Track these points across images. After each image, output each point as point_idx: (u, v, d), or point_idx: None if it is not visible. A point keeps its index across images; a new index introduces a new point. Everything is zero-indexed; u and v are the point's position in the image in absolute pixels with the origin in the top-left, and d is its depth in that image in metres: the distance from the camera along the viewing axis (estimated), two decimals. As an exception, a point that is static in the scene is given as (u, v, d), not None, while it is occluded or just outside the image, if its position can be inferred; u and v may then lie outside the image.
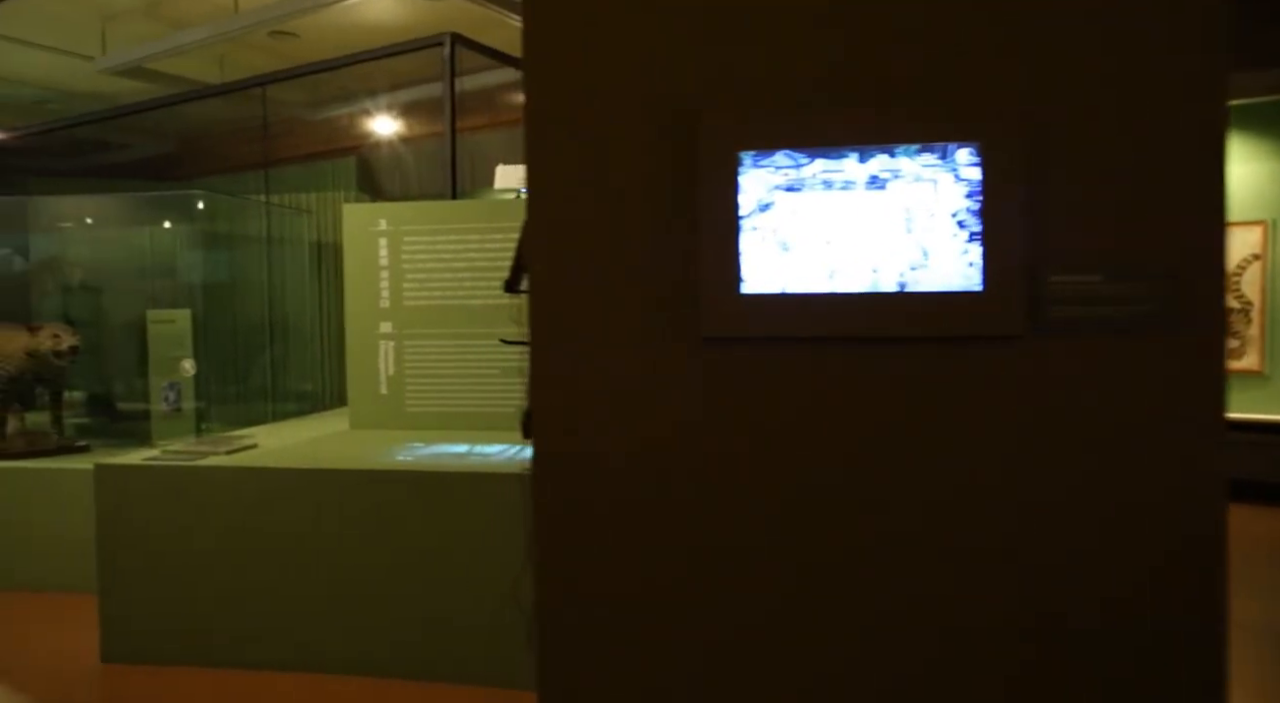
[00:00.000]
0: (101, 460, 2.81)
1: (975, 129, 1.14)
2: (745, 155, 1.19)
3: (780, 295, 1.20)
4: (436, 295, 3.49)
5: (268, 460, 2.80)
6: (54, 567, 3.50)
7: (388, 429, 3.51)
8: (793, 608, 1.25)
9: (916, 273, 1.17)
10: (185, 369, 3.70)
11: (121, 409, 5.07)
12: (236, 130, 9.31)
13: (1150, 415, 1.16)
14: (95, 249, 5.21)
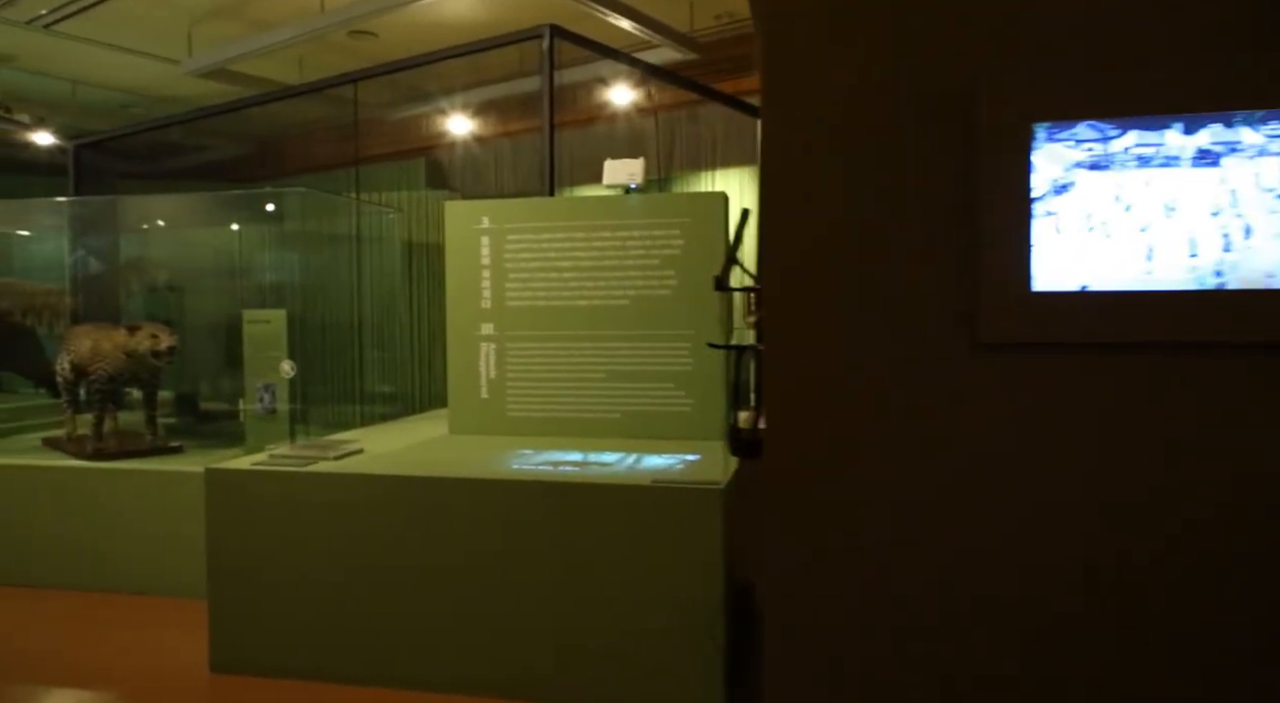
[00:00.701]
0: (213, 464, 2.73)
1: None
2: (1039, 128, 0.99)
3: (1079, 293, 1.00)
4: (540, 296, 3.35)
5: (380, 467, 2.68)
6: (155, 570, 3.45)
7: (488, 435, 3.38)
8: (1094, 632, 1.05)
9: (1238, 264, 0.96)
10: (285, 371, 3.63)
11: (208, 409, 5.07)
12: (312, 131, 9.40)
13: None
14: (185, 248, 5.22)
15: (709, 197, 3.25)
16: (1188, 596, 1.02)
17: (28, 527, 3.59)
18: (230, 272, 4.81)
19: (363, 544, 2.58)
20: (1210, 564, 1.01)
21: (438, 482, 2.52)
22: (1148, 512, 1.02)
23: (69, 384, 4.47)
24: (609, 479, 2.44)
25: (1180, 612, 1.02)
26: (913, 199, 1.06)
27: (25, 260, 5.97)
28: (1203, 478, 1.01)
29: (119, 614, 3.30)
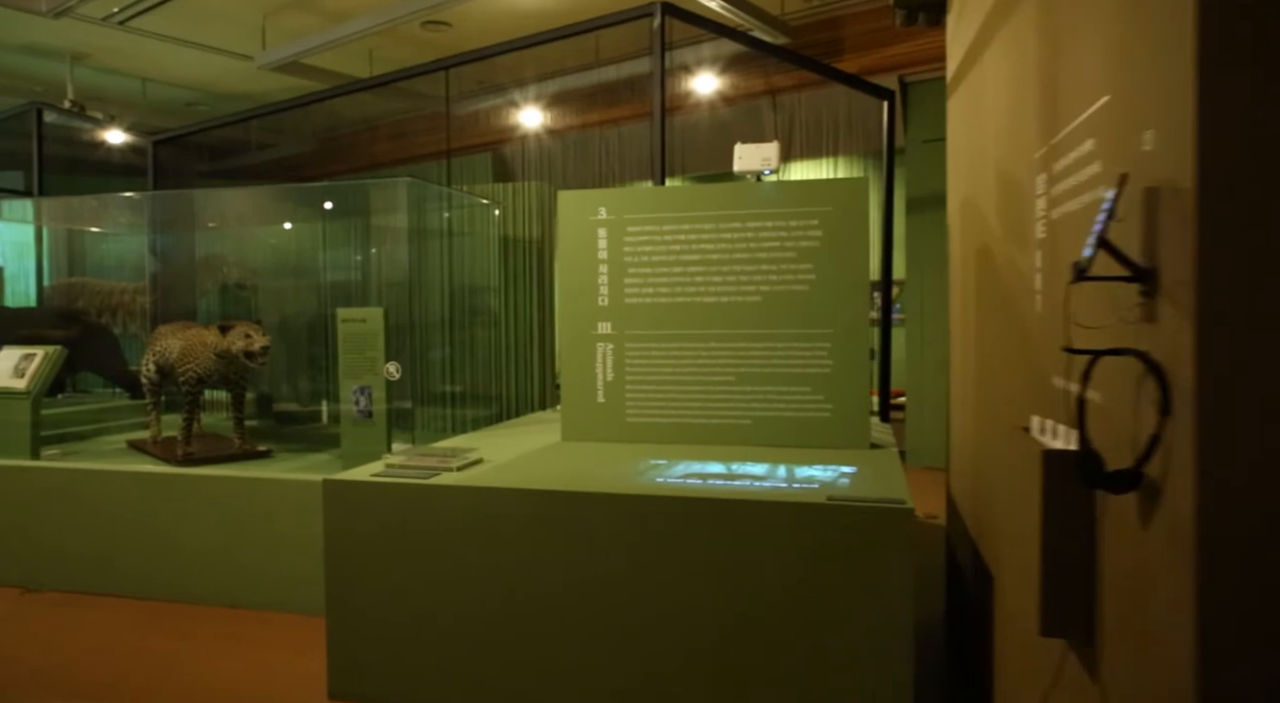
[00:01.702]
0: (331, 476, 2.52)
1: None
2: None
3: None
4: (663, 292, 3.10)
5: (509, 479, 2.45)
6: (250, 582, 3.28)
7: (604, 442, 3.14)
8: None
9: None
10: (390, 372, 3.42)
11: (289, 411, 4.91)
12: (373, 128, 9.29)
13: None
14: (274, 243, 5.08)
15: (850, 184, 2.97)
16: None
17: (117, 534, 3.44)
18: (318, 267, 4.64)
19: (495, 564, 2.35)
20: None
21: (580, 497, 2.28)
22: None
23: (153, 385, 4.33)
24: (779, 497, 2.18)
25: None
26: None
27: (105, 258, 5.90)
28: None
29: (215, 628, 3.12)
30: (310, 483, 3.25)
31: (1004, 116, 1.94)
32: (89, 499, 3.48)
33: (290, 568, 3.23)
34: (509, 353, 4.19)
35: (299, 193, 4.43)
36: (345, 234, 4.60)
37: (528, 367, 4.20)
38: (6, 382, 3.94)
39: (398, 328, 3.69)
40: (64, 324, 5.17)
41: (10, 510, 3.57)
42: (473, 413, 4.20)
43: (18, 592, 3.48)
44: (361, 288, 4.50)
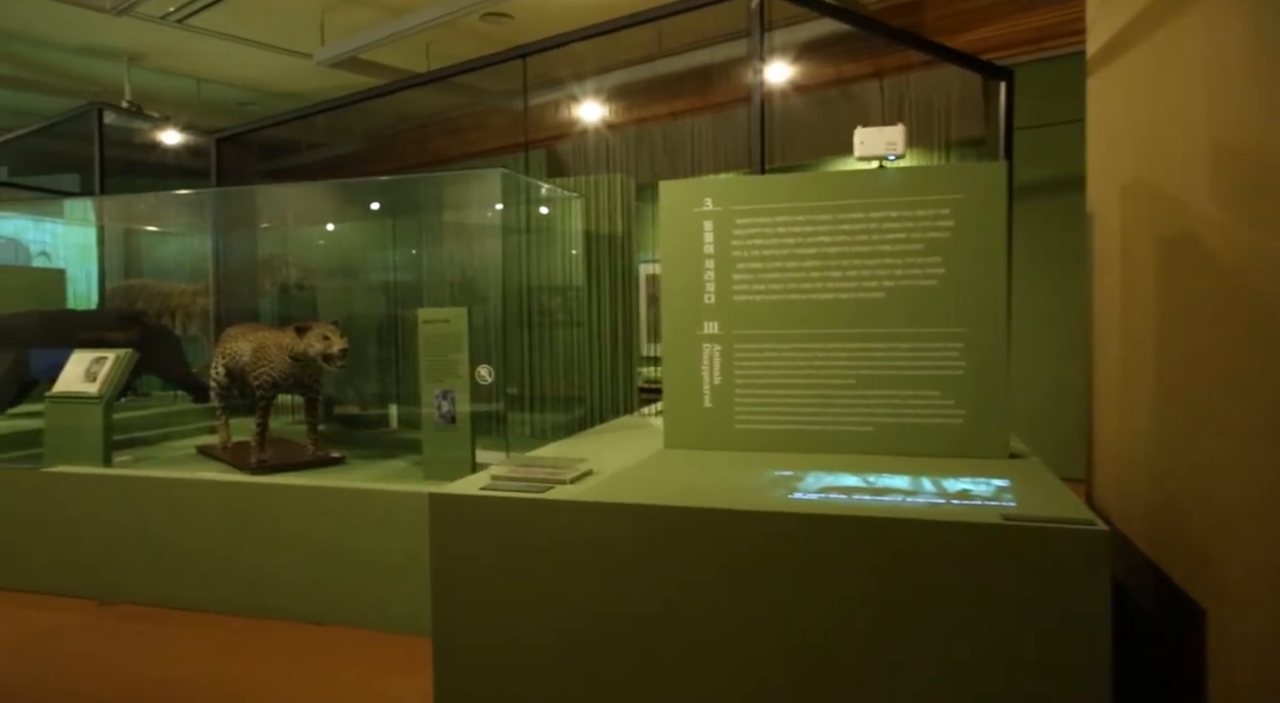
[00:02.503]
0: (435, 489, 2.33)
1: None
2: None
3: None
4: (775, 289, 2.88)
5: (628, 493, 2.24)
6: (334, 596, 3.11)
7: (711, 450, 2.92)
8: None
9: None
10: (482, 376, 3.24)
11: (355, 415, 4.77)
12: (426, 126, 9.17)
13: None
14: (333, 242, 4.95)
15: (988, 169, 2.72)
16: None
17: (194, 545, 3.30)
18: (387, 265, 4.49)
19: (617, 585, 2.14)
20: None
21: (721, 515, 2.06)
22: None
23: (222, 389, 4.21)
24: (947, 516, 1.94)
25: None
26: None
27: (165, 258, 5.82)
28: None
29: (304, 646, 2.96)
30: (397, 493, 3.08)
31: (1239, 84, 1.68)
32: (165, 509, 3.34)
33: (378, 583, 3.06)
34: (592, 354, 3.99)
35: (368, 188, 4.28)
36: (416, 230, 4.44)
37: (612, 369, 4.00)
38: (79, 386, 3.83)
39: (483, 328, 3.51)
40: (126, 326, 5.07)
41: (84, 519, 3.45)
42: (556, 418, 4.01)
43: (94, 604, 3.36)
44: (435, 286, 4.33)
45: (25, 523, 3.51)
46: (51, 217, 5.84)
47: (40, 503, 3.50)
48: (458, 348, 3.40)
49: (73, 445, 3.75)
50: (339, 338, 3.49)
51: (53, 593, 3.45)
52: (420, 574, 2.95)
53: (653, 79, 6.86)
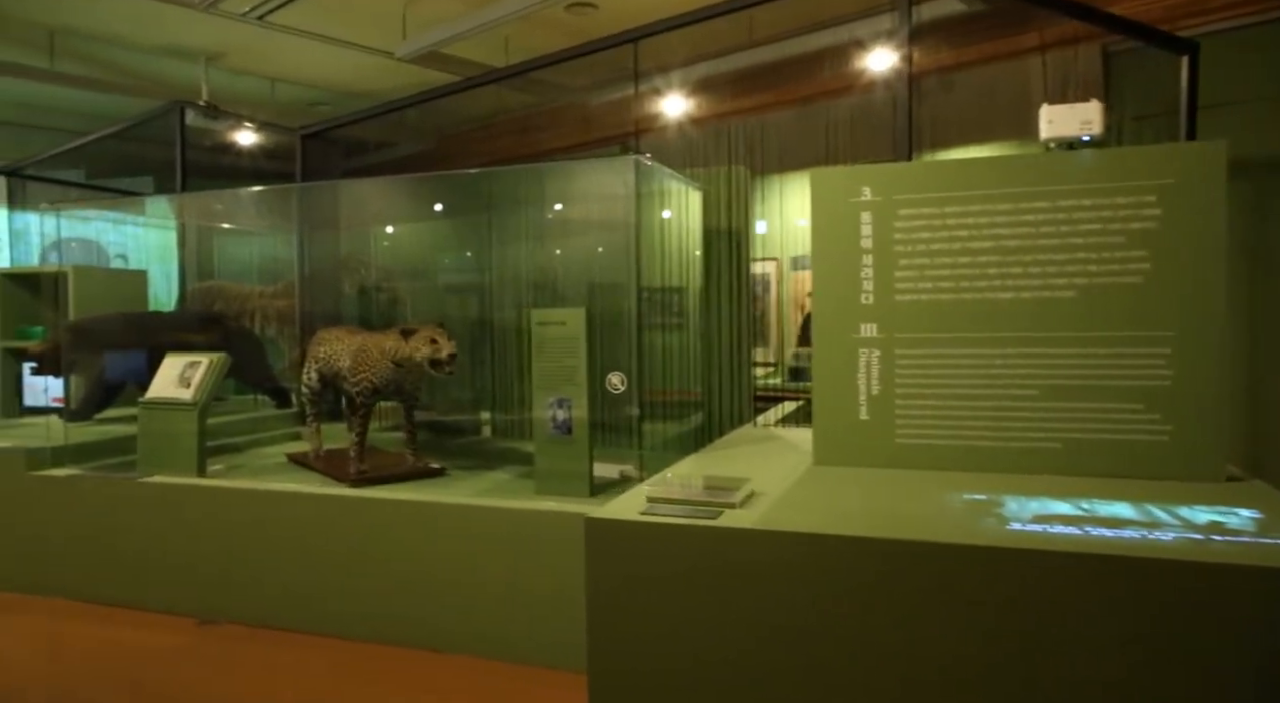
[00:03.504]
0: (592, 513, 2.08)
1: None
2: None
3: None
4: (945, 287, 2.57)
5: (814, 521, 1.96)
6: (451, 622, 2.88)
7: (868, 466, 2.62)
8: None
9: None
10: (614, 384, 2.99)
11: (443, 422, 4.55)
12: (492, 125, 9.00)
13: None
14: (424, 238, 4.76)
15: (1203, 150, 2.38)
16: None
17: (299, 562, 3.10)
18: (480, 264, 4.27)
19: (804, 623, 1.86)
20: None
21: (938, 549, 1.77)
22: None
23: (315, 395, 4.02)
24: (1233, 557, 1.63)
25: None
26: None
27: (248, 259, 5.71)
28: None
29: (425, 676, 2.73)
30: (518, 511, 2.83)
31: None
32: (267, 522, 3.15)
33: (500, 607, 2.81)
34: (710, 359, 3.71)
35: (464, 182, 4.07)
36: (518, 225, 4.21)
37: (732, 374, 3.72)
38: (172, 391, 3.68)
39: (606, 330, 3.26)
40: (208, 329, 4.94)
41: (181, 532, 3.27)
42: (674, 428, 3.74)
43: (194, 623, 3.18)
44: (538, 285, 4.10)
45: (122, 534, 3.35)
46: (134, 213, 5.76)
47: (136, 513, 3.34)
48: (575, 352, 3.15)
49: (167, 453, 3.59)
50: (448, 342, 3.27)
51: (151, 609, 3.29)
52: (544, 598, 2.71)
53: (740, 71, 6.58)
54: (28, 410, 5.29)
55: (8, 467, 3.54)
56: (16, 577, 3.52)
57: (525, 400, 4.23)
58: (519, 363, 4.20)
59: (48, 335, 5.12)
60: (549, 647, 2.73)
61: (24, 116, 7.98)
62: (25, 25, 6.02)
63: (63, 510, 3.45)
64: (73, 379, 4.48)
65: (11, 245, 6.29)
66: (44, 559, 3.47)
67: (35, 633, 3.17)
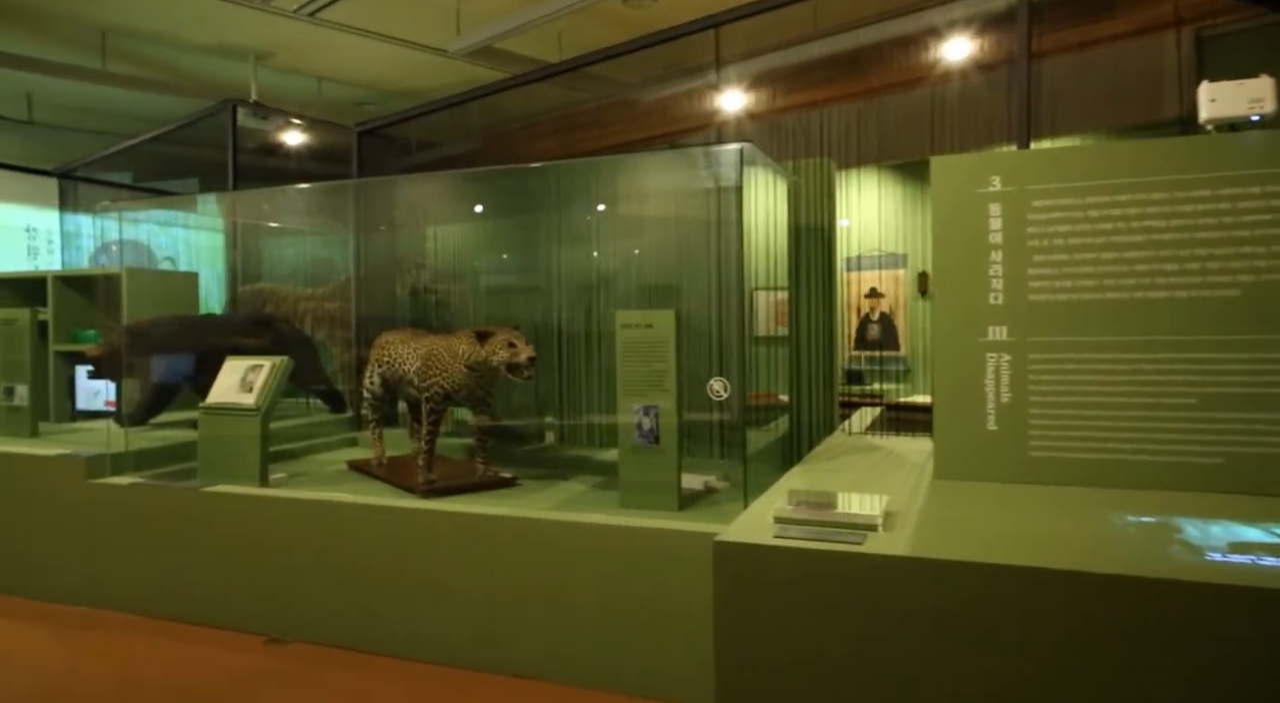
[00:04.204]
0: (722, 537, 1.87)
1: None
2: None
3: None
4: (1087, 286, 2.34)
5: (983, 550, 1.74)
6: (539, 646, 2.68)
7: (997, 482, 2.39)
8: None
9: None
10: (717, 391, 2.78)
11: (512, 428, 4.37)
12: (535, 125, 8.85)
13: None
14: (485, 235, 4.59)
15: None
16: None
17: (373, 578, 2.92)
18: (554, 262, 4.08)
19: (974, 669, 1.64)
20: None
21: (1123, 583, 1.54)
22: None
23: (378, 401, 3.86)
24: None
25: None
26: None
27: (301, 259, 5.58)
28: None
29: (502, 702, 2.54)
30: (616, 529, 2.62)
31: None
32: (335, 536, 2.98)
33: (591, 632, 2.60)
34: (798, 363, 3.49)
35: (527, 176, 3.88)
36: (582, 222, 4.02)
37: (820, 380, 3.50)
38: (234, 397, 3.53)
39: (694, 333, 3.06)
40: (261, 332, 4.80)
41: (246, 544, 3.11)
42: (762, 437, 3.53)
43: (261, 641, 3.02)
44: (603, 284, 3.91)
45: (184, 546, 3.20)
46: (192, 212, 5.66)
47: (200, 525, 3.19)
48: (663, 356, 2.95)
49: (228, 460, 3.44)
50: (526, 345, 3.08)
51: (215, 625, 3.13)
52: (639, 622, 2.50)
53: (801, 64, 6.34)
54: (80, 415, 5.20)
55: (67, 475, 3.42)
56: (78, 590, 3.39)
57: (593, 406, 4.04)
58: (587, 367, 4.01)
59: (102, 338, 5.03)
60: (645, 674, 2.53)
61: (73, 120, 7.97)
62: (78, 25, 5.97)
63: (123, 521, 3.31)
64: (128, 383, 4.37)
65: (63, 248, 6.23)
66: (105, 572, 3.34)
67: (99, 650, 3.03)
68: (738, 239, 2.85)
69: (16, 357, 4.04)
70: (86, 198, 6.33)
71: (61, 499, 3.44)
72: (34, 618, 3.31)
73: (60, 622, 3.26)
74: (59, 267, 6.19)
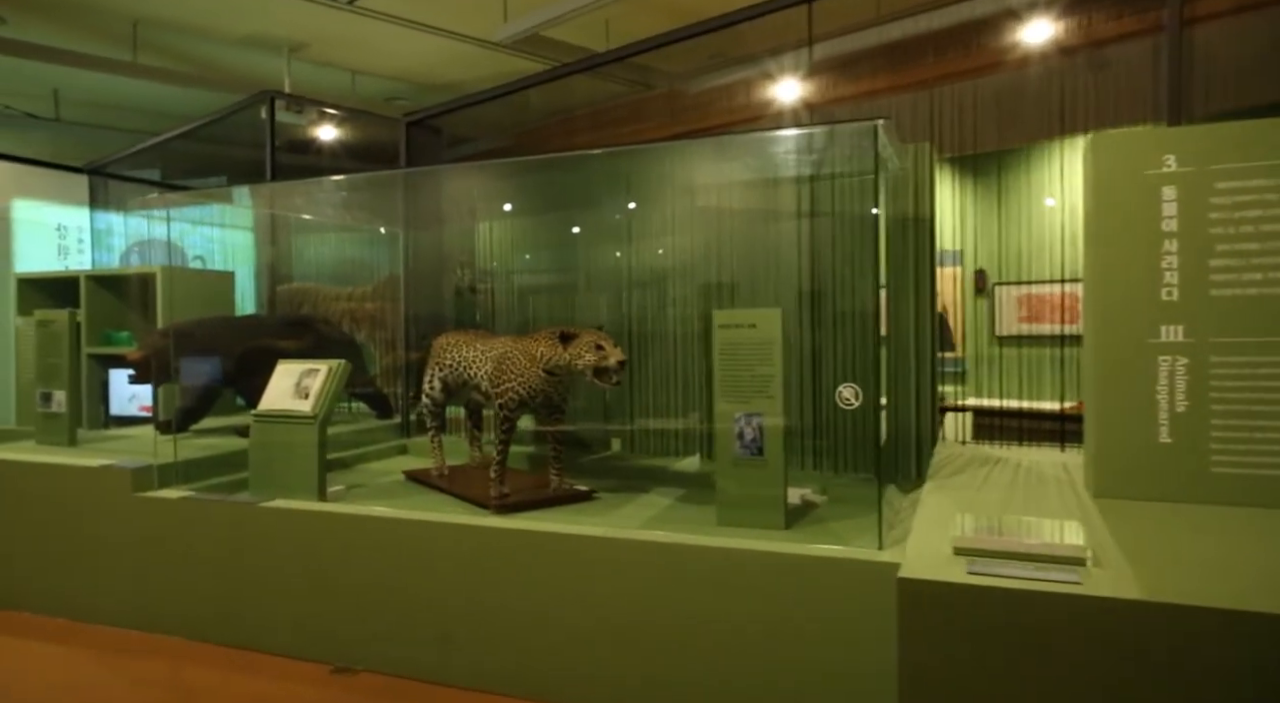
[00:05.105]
0: (907, 572, 1.60)
1: None
2: None
3: None
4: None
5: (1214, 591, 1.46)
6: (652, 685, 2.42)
7: (1165, 501, 2.11)
8: None
9: None
10: (847, 399, 2.50)
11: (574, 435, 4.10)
12: (571, 119, 8.59)
13: None
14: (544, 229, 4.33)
15: None
16: None
17: (446, 603, 2.66)
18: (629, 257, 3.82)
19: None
20: None
21: None
22: None
23: (438, 408, 3.61)
24: None
25: None
26: None
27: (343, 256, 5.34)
28: None
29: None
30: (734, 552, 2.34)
31: None
32: (407, 556, 2.72)
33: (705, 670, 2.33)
34: (895, 365, 3.21)
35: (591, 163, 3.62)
36: (654, 213, 3.76)
37: (915, 386, 3.22)
38: (288, 403, 3.28)
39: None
40: (300, 333, 4.56)
41: (308, 565, 2.86)
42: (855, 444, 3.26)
43: (327, 670, 2.76)
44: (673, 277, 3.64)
45: (242, 566, 2.95)
46: (232, 205, 5.43)
47: (257, 543, 2.94)
48: (768, 360, 2.68)
49: (282, 471, 3.19)
50: (614, 348, 2.82)
51: (276, 653, 2.88)
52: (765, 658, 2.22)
53: (859, 52, 6.06)
54: (113, 421, 4.98)
55: (113, 488, 3.17)
56: (126, 612, 3.14)
57: (663, 411, 3.77)
58: (657, 370, 3.74)
59: (136, 340, 4.80)
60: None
61: (99, 117, 7.79)
62: (110, 16, 5.76)
63: (174, 538, 3.07)
64: (170, 388, 4.13)
65: (93, 247, 6.02)
66: (155, 593, 3.09)
67: (154, 678, 2.79)
68: (872, 229, 2.57)
69: (54, 361, 3.80)
70: (117, 196, 6.12)
71: (107, 514, 3.20)
72: (82, 643, 3.07)
73: (110, 647, 3.01)
74: (89, 266, 5.97)
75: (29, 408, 4.63)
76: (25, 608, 3.35)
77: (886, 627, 2.02)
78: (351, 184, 4.49)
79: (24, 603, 3.36)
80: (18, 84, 6.87)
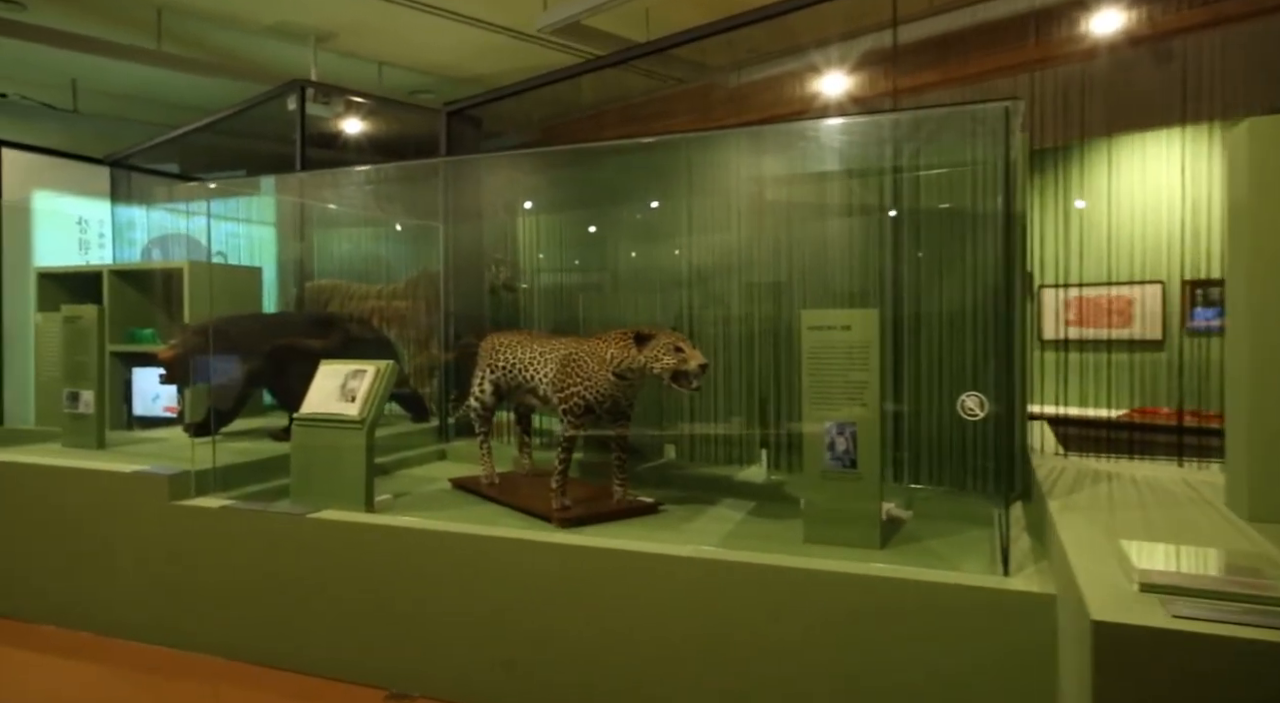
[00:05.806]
0: (1099, 615, 1.38)
1: None
2: None
3: None
4: None
5: None
6: None
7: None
8: None
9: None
10: (972, 410, 2.29)
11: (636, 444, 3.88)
12: (601, 114, 8.40)
13: None
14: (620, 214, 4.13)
15: None
16: None
17: (498, 624, 2.46)
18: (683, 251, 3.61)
19: None
20: None
21: None
22: None
23: (487, 412, 3.41)
24: None
25: None
26: None
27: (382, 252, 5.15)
28: None
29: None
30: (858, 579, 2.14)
31: None
32: (468, 573, 2.52)
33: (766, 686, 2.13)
34: (972, 370, 3.00)
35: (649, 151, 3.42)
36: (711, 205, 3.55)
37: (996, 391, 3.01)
38: (333, 406, 3.08)
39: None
40: (333, 332, 4.34)
41: (360, 582, 2.65)
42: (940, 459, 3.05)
43: (382, 696, 2.56)
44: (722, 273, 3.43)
45: (287, 582, 2.75)
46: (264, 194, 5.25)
47: (305, 557, 2.73)
48: (863, 364, 2.47)
49: (327, 479, 2.99)
50: (694, 350, 2.61)
51: (328, 676, 2.68)
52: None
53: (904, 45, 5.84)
54: (136, 421, 4.78)
55: (149, 496, 2.97)
56: (162, 629, 2.94)
57: (724, 418, 3.56)
58: (719, 373, 3.53)
59: (160, 338, 4.61)
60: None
61: (118, 108, 7.60)
62: (133, 2, 5.56)
63: (214, 550, 2.87)
64: (201, 388, 3.94)
65: (114, 241, 5.83)
66: (193, 609, 2.89)
67: (188, 701, 2.59)
68: (1006, 221, 2.36)
69: (82, 358, 3.60)
70: (139, 189, 5.93)
71: (140, 523, 3.00)
72: (114, 661, 2.87)
73: (146, 667, 2.81)
74: (111, 261, 5.79)
75: (49, 407, 4.44)
76: (50, 622, 3.16)
77: (1020, 664, 1.82)
78: (394, 173, 4.30)
79: (49, 617, 3.17)
80: (36, 73, 6.68)
